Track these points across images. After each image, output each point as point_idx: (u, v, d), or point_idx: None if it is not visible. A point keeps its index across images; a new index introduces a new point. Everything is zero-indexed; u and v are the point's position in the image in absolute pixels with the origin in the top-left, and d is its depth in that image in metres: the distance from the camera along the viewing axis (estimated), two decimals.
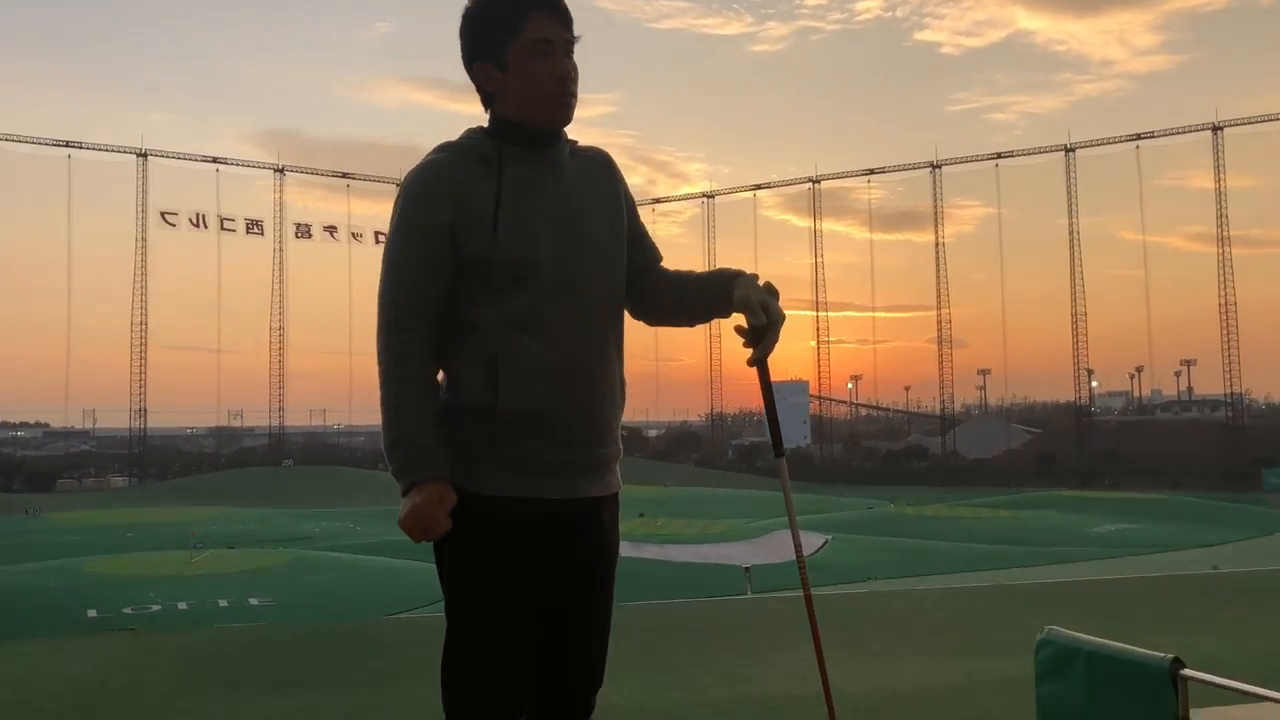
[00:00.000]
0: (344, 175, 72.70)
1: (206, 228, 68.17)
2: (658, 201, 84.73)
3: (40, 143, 64.21)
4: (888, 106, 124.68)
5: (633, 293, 2.55)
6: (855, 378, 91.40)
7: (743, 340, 2.46)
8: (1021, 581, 15.43)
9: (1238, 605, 9.11)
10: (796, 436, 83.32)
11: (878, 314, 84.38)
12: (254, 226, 69.87)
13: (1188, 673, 2.67)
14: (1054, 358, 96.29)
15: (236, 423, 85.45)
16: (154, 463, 71.02)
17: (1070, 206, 67.11)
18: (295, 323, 73.05)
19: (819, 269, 75.74)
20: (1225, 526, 39.61)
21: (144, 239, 66.22)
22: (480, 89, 2.44)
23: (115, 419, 73.35)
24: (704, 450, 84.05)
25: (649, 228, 2.78)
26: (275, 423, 71.90)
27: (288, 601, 21.13)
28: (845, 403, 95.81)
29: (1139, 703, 2.77)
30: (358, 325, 73.68)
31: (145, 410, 66.62)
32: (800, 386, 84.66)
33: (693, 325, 2.64)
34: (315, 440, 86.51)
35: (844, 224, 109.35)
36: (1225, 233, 63.59)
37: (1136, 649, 2.89)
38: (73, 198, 65.59)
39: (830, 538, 34.73)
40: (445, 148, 2.40)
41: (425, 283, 2.29)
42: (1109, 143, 67.11)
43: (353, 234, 72.10)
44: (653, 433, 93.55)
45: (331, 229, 72.13)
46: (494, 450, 2.28)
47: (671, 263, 2.72)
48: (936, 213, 71.36)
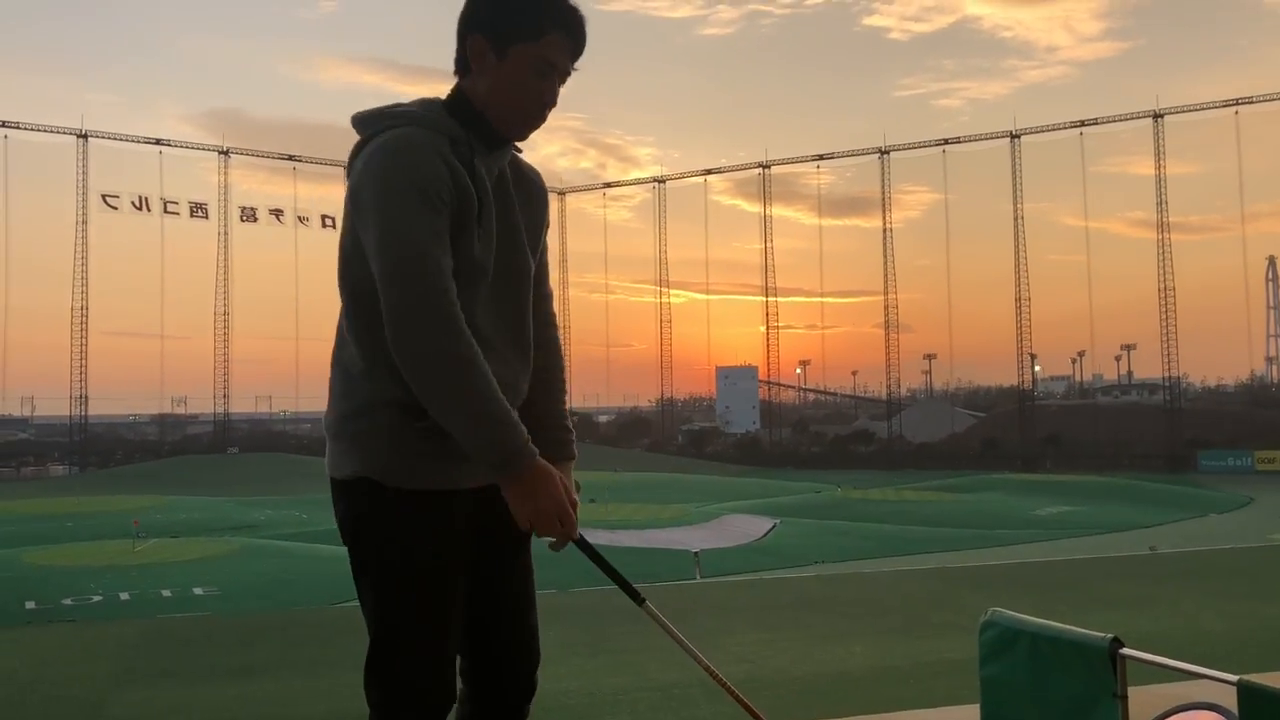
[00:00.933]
0: (290, 158, 71.70)
1: (149, 210, 67.00)
2: (608, 186, 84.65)
3: None
4: (836, 92, 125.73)
5: None
6: (804, 363, 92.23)
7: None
8: (966, 564, 15.68)
9: (1174, 585, 9.31)
10: (745, 421, 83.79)
11: (826, 299, 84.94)
12: (198, 210, 68.75)
13: (1126, 652, 2.72)
14: (998, 342, 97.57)
15: (180, 410, 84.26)
16: (95, 451, 69.74)
17: (1015, 192, 68.05)
18: (240, 308, 72.02)
19: (769, 254, 76.14)
20: (1162, 508, 40.52)
21: (84, 222, 64.93)
22: (461, 55, 2.38)
23: (55, 406, 72.04)
24: (654, 435, 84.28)
25: (600, 212, 2.78)
26: (220, 409, 70.97)
27: (233, 591, 20.89)
28: (794, 387, 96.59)
29: (1080, 681, 2.82)
30: (304, 310, 72.85)
31: (86, 397, 65.46)
32: (749, 372, 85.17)
33: None
34: (261, 427, 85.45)
35: (793, 209, 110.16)
36: (1165, 219, 64.87)
37: (1077, 629, 2.94)
38: (9, 179, 64.32)
39: (778, 522, 35.02)
40: (415, 119, 2.29)
41: (447, 259, 2.19)
42: (1053, 129, 68.09)
43: (299, 217, 71.21)
44: (603, 418, 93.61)
45: (277, 212, 71.18)
46: (424, 444, 2.26)
47: (622, 247, 2.73)
48: (884, 198, 72.03)
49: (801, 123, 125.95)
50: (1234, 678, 2.41)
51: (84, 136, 65.08)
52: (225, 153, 69.99)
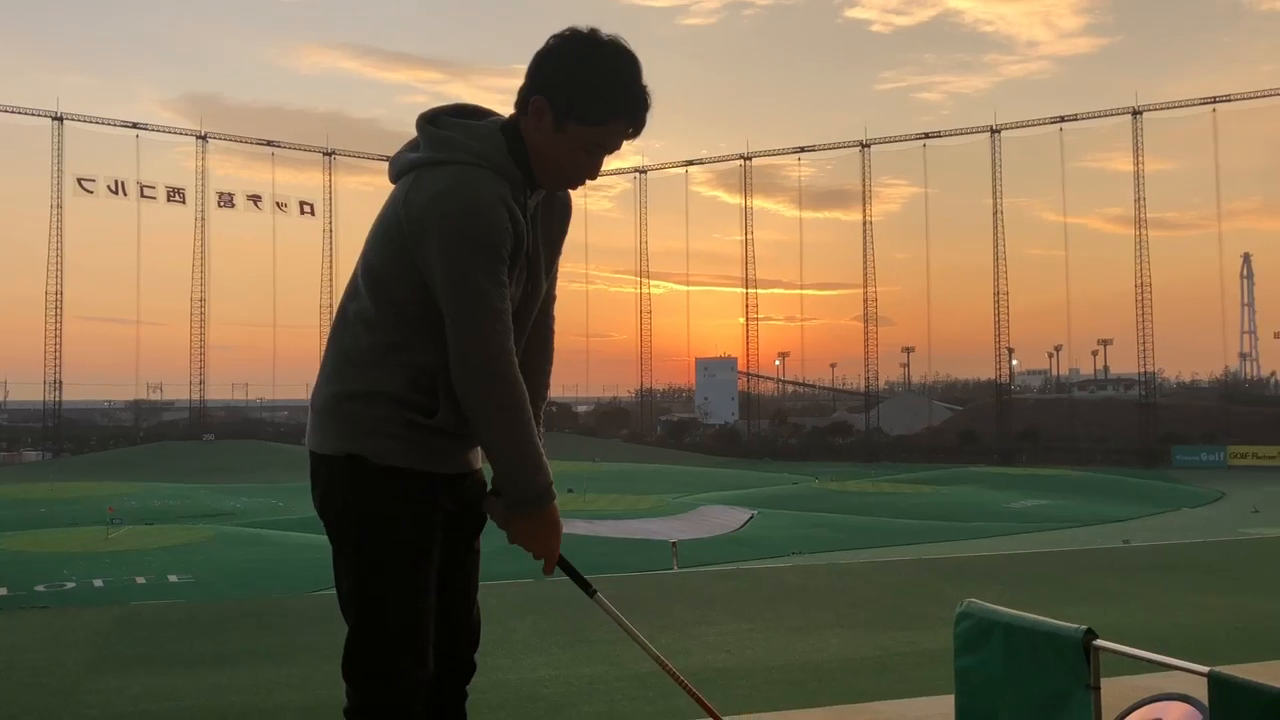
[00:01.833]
0: (269, 143, 71.20)
1: (126, 195, 66.53)
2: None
3: None
4: (818, 84, 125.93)
5: None
6: (783, 355, 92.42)
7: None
8: (942, 555, 15.78)
9: (1147, 578, 9.40)
10: (724, 412, 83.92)
11: (805, 291, 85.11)
12: (175, 194, 68.29)
13: (1100, 643, 2.74)
14: (976, 336, 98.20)
15: (156, 396, 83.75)
16: (69, 437, 69.26)
17: (995, 187, 68.37)
18: (217, 294, 71.52)
19: (749, 246, 76.22)
20: (1136, 502, 40.93)
21: (59, 206, 64.42)
22: (523, 101, 2.36)
23: (28, 391, 71.54)
24: (633, 426, 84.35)
25: (581, 203, 2.83)
26: (196, 396, 70.60)
27: (208, 578, 20.80)
28: (772, 379, 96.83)
29: (1054, 672, 2.84)
30: (281, 297, 72.74)
31: (60, 383, 65.07)
32: (729, 363, 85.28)
33: None
34: (237, 414, 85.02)
35: (773, 201, 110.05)
36: (1143, 215, 65.40)
37: (1051, 620, 2.96)
38: None
39: (755, 513, 35.14)
40: (484, 159, 2.30)
41: (508, 316, 2.30)
42: (1033, 125, 68.40)
43: (277, 204, 70.85)
44: (582, 408, 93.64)
45: (255, 198, 70.74)
46: (410, 430, 2.34)
47: (603, 237, 2.78)
48: (865, 191, 72.22)
49: (783, 114, 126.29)
50: (1204, 669, 2.43)
51: (59, 119, 64.47)
52: (203, 137, 69.53)
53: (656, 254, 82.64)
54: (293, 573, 21.98)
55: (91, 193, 65.46)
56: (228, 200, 69.83)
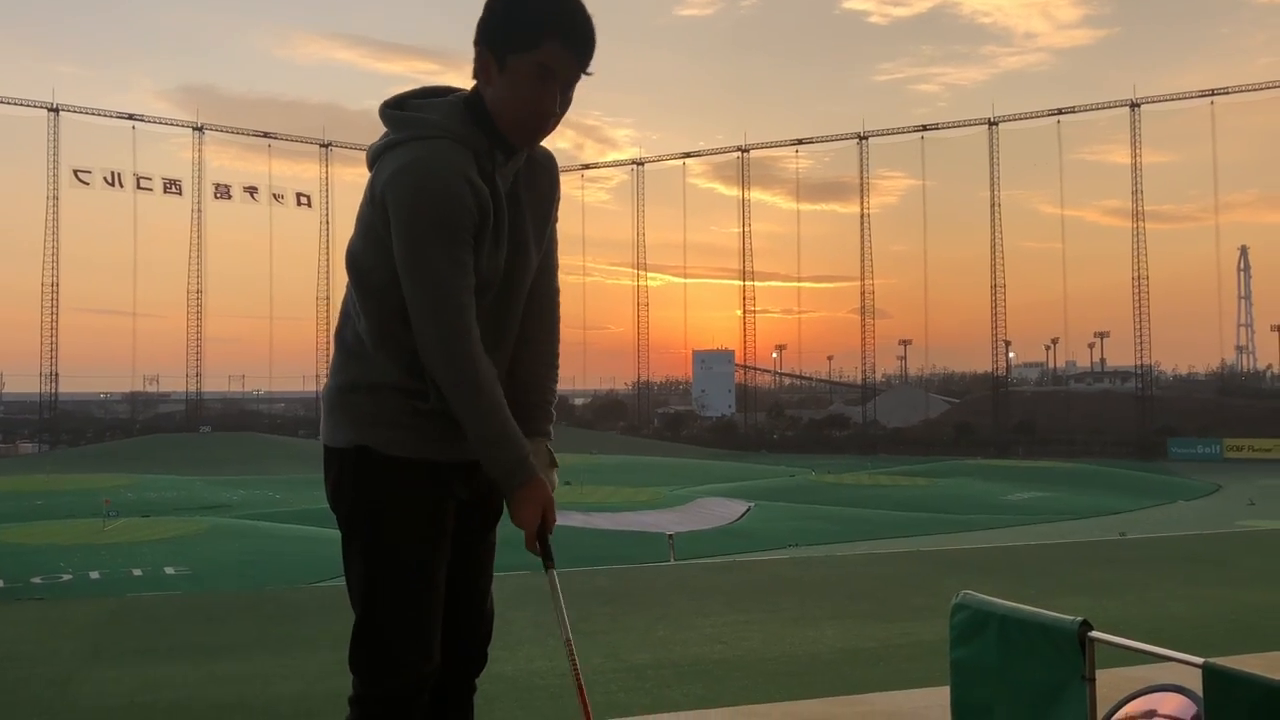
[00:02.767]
0: (265, 135, 71.06)
1: (122, 187, 66.37)
2: (586, 168, 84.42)
3: None
4: (815, 75, 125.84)
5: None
6: (780, 347, 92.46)
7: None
8: (938, 547, 15.78)
9: (1143, 570, 9.42)
10: (721, 405, 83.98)
11: (803, 284, 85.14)
12: (171, 186, 68.11)
13: (1095, 635, 2.74)
14: (973, 329, 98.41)
15: (152, 388, 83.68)
16: (65, 429, 69.18)
17: (992, 179, 68.36)
18: (214, 286, 71.27)
19: (746, 238, 76.21)
20: (1133, 494, 40.99)
21: (55, 197, 64.23)
22: (475, 66, 2.35)
23: (24, 383, 71.47)
24: (630, 418, 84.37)
25: (577, 194, 2.78)
26: (192, 388, 70.57)
27: (204, 570, 20.80)
28: (769, 372, 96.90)
29: (1049, 663, 2.85)
30: (278, 289, 72.65)
31: (56, 375, 64.95)
32: (726, 356, 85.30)
33: None
34: (234, 406, 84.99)
35: (770, 193, 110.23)
36: (1140, 208, 65.37)
37: (1047, 612, 2.96)
38: None
39: (752, 505, 35.19)
40: (445, 131, 2.28)
41: (470, 293, 2.26)
42: (1031, 117, 68.39)
43: (274, 195, 70.69)
44: (579, 401, 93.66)
45: (252, 190, 70.58)
46: (414, 417, 2.33)
47: (600, 229, 2.73)
48: (862, 184, 72.20)
49: (780, 106, 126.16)
50: (1199, 660, 2.43)
51: (55, 110, 64.28)
52: (199, 129, 69.35)
53: (654, 246, 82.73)
54: (288, 565, 21.99)
55: (88, 184, 65.32)
56: (224, 192, 69.71)
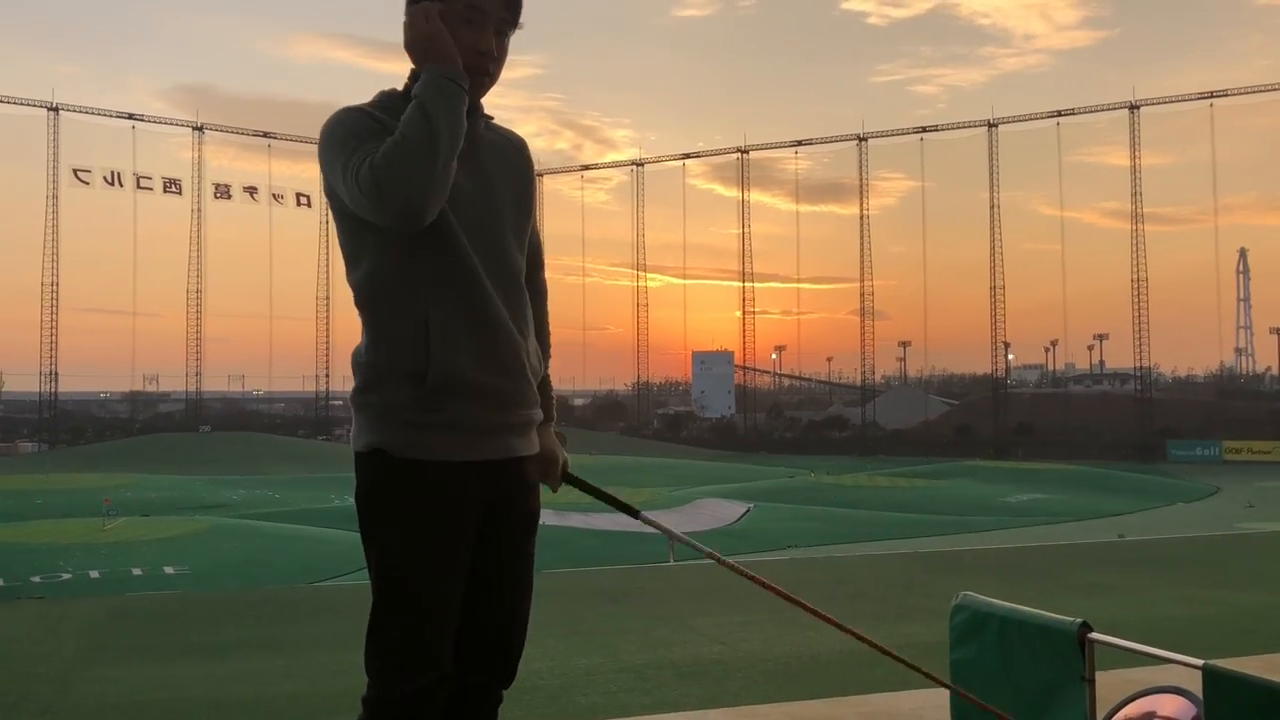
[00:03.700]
0: (265, 135, 71.04)
1: (122, 186, 66.26)
2: (586, 168, 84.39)
3: None
4: (814, 76, 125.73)
5: None
6: (779, 348, 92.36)
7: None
8: (937, 549, 15.78)
9: (1142, 572, 9.42)
10: (721, 406, 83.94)
11: (802, 285, 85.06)
12: (171, 185, 68.04)
13: (1094, 636, 2.74)
14: (972, 330, 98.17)
15: (152, 387, 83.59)
16: (65, 428, 69.11)
17: (991, 181, 68.33)
18: (213, 285, 71.11)
19: (746, 239, 76.19)
20: (1132, 497, 40.97)
21: (55, 196, 64.16)
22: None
23: (24, 382, 71.37)
24: (629, 419, 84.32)
25: (577, 194, 2.76)
26: (192, 388, 70.48)
27: (204, 570, 20.79)
28: (769, 373, 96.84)
29: (1049, 664, 2.85)
30: (278, 289, 72.60)
31: (56, 374, 64.82)
32: (725, 357, 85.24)
33: None
34: (233, 406, 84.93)
35: (770, 194, 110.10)
36: (1139, 210, 65.31)
37: (1046, 613, 2.96)
38: None
39: (751, 506, 35.17)
40: (362, 105, 2.34)
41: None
42: (1030, 119, 68.35)
43: (274, 195, 70.66)
44: (579, 401, 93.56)
45: (252, 190, 70.54)
46: (426, 415, 2.28)
47: (599, 230, 2.71)
48: (861, 185, 72.17)
49: (779, 107, 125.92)
50: (1199, 662, 2.44)
51: (55, 110, 64.22)
52: (199, 128, 69.31)
53: (653, 247, 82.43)
54: (288, 565, 21.98)
55: (87, 184, 65.19)
56: (224, 192, 69.65)
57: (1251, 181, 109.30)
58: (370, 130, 2.22)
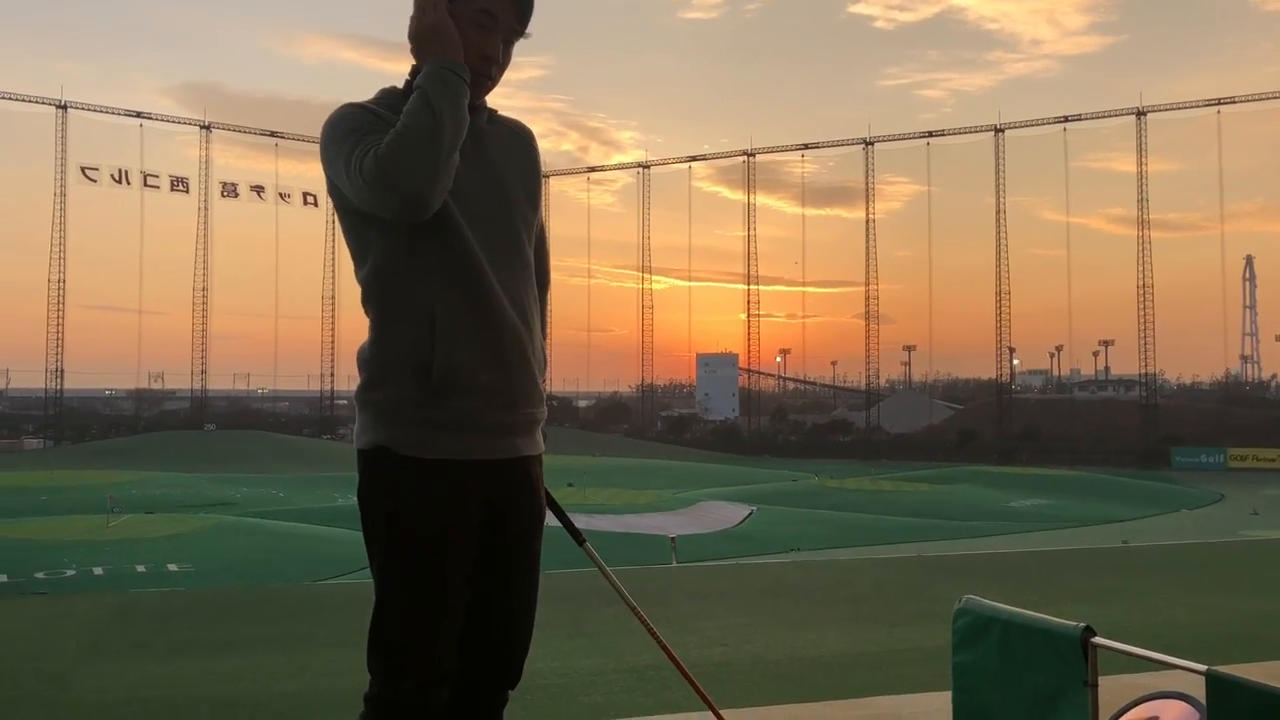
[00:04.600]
0: (272, 134, 71.16)
1: (129, 184, 66.41)
2: (592, 170, 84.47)
3: None
4: (820, 79, 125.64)
5: None
6: (784, 351, 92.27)
7: None
8: (941, 553, 15.77)
9: (1146, 578, 9.40)
10: (725, 409, 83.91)
11: (807, 289, 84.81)
12: (179, 184, 68.19)
13: (1098, 641, 2.73)
14: (977, 335, 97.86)
15: (157, 385, 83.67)
16: (70, 425, 69.26)
17: (998, 186, 68.25)
18: (220, 284, 71.19)
19: (751, 242, 76.17)
20: (1136, 503, 40.91)
21: (63, 194, 64.32)
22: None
23: (30, 379, 71.55)
24: (633, 421, 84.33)
25: (583, 196, 2.75)
26: (197, 386, 70.56)
27: (207, 568, 20.81)
28: (773, 376, 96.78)
29: (1051, 668, 2.84)
30: (284, 288, 72.66)
31: (62, 371, 64.99)
32: (730, 359, 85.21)
33: None
34: (238, 405, 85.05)
35: (775, 198, 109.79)
36: (1145, 216, 65.21)
37: (1049, 618, 2.96)
38: None
39: (754, 509, 35.15)
40: (363, 102, 2.34)
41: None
42: (1037, 124, 68.29)
43: (280, 194, 70.76)
44: (583, 403, 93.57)
45: (259, 188, 70.66)
46: (430, 412, 2.26)
47: (604, 232, 2.70)
48: (868, 189, 72.12)
49: (785, 110, 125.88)
50: (1202, 667, 2.43)
51: (63, 107, 64.39)
52: (206, 127, 69.45)
53: (658, 249, 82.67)
54: (291, 563, 22.01)
55: (95, 182, 65.36)
56: (231, 190, 69.78)
57: (1258, 188, 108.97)
58: (371, 124, 2.22)
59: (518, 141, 2.49)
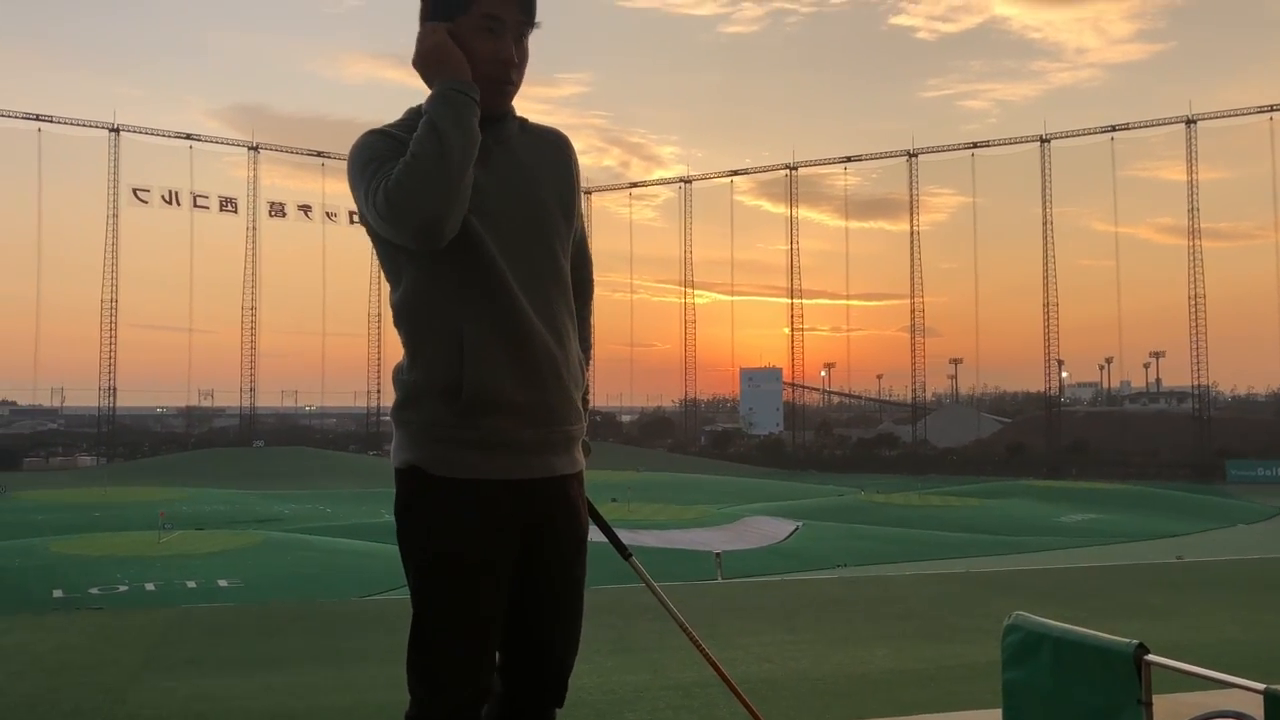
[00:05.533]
0: (318, 154, 72.10)
1: (179, 205, 67.54)
2: (634, 185, 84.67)
3: (10, 115, 63.23)
4: (862, 92, 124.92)
5: None
6: (828, 365, 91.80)
7: None
8: (990, 569, 15.57)
9: (1200, 594, 9.22)
10: (769, 423, 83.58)
11: (851, 302, 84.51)
12: (227, 204, 69.26)
13: (1152, 658, 2.69)
14: (1025, 348, 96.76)
15: (207, 403, 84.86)
16: (123, 442, 70.38)
17: (1044, 196, 67.53)
18: (268, 302, 72.12)
19: (794, 256, 75.92)
20: (1190, 517, 40.13)
21: (115, 215, 65.51)
22: None
23: (84, 397, 72.80)
24: (677, 436, 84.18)
25: (624, 211, 2.75)
26: (246, 403, 71.45)
27: (257, 583, 21.03)
28: (818, 390, 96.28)
29: (1104, 686, 2.80)
30: (331, 306, 73.41)
31: (114, 389, 66.05)
32: (773, 373, 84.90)
33: None
34: (286, 421, 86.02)
35: (818, 211, 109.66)
36: (1196, 225, 64.16)
37: (1102, 634, 2.92)
38: (43, 173, 64.89)
39: (800, 524, 34.93)
40: (384, 127, 2.34)
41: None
42: (1084, 134, 67.53)
43: (327, 213, 71.59)
44: (626, 418, 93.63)
45: (306, 208, 71.59)
46: (462, 431, 2.25)
47: (646, 246, 2.70)
48: (912, 201, 71.66)
49: (827, 123, 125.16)
50: (1261, 686, 2.38)
51: (116, 131, 65.68)
52: (255, 148, 70.51)
53: (700, 263, 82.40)
54: (339, 578, 22.17)
55: (146, 203, 66.58)
56: (279, 210, 70.79)
57: None
58: (389, 151, 2.23)
59: (551, 149, 2.46)
